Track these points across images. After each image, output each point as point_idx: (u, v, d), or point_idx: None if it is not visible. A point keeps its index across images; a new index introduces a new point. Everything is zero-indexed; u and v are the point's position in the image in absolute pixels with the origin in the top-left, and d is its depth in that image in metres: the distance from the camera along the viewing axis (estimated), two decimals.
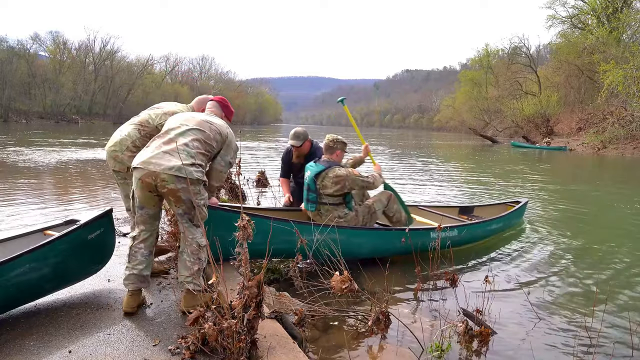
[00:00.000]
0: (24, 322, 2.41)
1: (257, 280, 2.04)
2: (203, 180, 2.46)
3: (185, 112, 3.02)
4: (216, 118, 2.76)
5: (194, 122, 2.61)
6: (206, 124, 2.61)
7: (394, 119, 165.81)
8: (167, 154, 2.39)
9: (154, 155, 2.39)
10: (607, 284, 3.78)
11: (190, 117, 2.67)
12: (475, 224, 4.72)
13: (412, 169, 13.78)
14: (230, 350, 1.98)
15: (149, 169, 2.33)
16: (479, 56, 59.59)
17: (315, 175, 3.80)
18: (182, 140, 2.47)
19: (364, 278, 3.44)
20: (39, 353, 2.09)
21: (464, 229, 4.39)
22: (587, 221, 6.35)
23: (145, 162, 2.36)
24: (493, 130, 47.41)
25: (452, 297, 3.26)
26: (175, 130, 2.55)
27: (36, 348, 2.13)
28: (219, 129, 2.65)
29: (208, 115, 2.78)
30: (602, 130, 26.85)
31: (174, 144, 2.42)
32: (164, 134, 2.56)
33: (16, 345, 2.15)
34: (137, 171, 2.38)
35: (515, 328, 2.90)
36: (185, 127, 2.56)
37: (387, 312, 2.66)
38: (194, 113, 2.80)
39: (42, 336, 2.25)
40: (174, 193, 2.36)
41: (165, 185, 2.33)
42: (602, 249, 5.00)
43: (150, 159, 2.37)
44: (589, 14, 39.48)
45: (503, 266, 4.24)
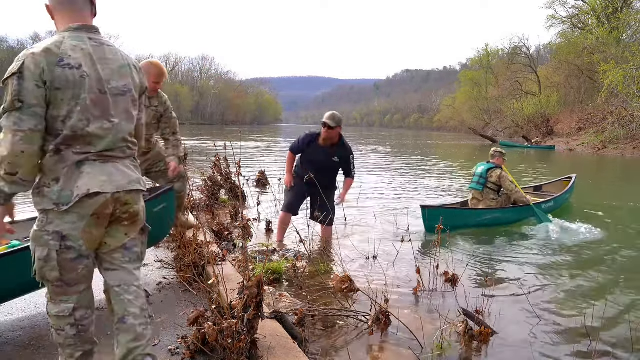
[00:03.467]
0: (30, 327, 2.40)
1: (257, 280, 2.05)
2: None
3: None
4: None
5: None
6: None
7: (394, 119, 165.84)
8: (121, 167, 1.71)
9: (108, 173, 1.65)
10: (607, 284, 3.78)
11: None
12: (560, 196, 6.80)
13: (413, 168, 13.79)
14: (230, 350, 1.98)
15: (108, 190, 1.61)
16: (479, 56, 59.66)
17: (487, 169, 5.95)
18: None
19: (364, 278, 3.44)
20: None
21: (552, 201, 6.55)
22: (587, 221, 6.34)
23: (103, 185, 1.60)
24: (493, 130, 47.40)
25: (452, 297, 3.26)
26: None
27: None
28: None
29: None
30: (602, 130, 26.86)
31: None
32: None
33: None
34: (92, 201, 1.58)
35: (515, 328, 2.90)
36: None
37: (387, 312, 2.66)
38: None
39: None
40: (134, 217, 1.73)
41: (129, 209, 1.70)
42: (602, 248, 5.00)
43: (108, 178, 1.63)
44: (589, 14, 39.51)
45: (503, 266, 4.25)
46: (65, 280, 1.61)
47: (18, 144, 1.45)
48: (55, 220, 1.56)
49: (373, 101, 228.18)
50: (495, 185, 5.94)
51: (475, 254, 4.38)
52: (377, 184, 9.59)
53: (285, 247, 4.24)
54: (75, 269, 1.62)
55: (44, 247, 1.57)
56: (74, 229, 1.58)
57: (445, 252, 4.39)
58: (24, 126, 1.45)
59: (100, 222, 1.63)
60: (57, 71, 1.49)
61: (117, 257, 1.73)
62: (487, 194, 5.96)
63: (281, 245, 4.36)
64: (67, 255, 1.59)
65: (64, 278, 1.61)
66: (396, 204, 7.20)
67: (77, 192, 1.55)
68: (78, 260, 1.62)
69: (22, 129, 1.45)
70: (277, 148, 21.14)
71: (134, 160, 1.76)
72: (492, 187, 5.94)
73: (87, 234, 1.61)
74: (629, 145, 24.31)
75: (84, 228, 1.59)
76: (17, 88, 1.45)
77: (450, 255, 4.21)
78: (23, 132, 1.45)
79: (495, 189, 5.95)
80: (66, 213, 1.55)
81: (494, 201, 5.95)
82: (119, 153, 1.68)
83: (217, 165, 6.00)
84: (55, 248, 1.57)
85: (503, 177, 5.88)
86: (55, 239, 1.57)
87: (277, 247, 4.18)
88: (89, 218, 1.59)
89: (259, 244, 4.19)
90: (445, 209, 5.55)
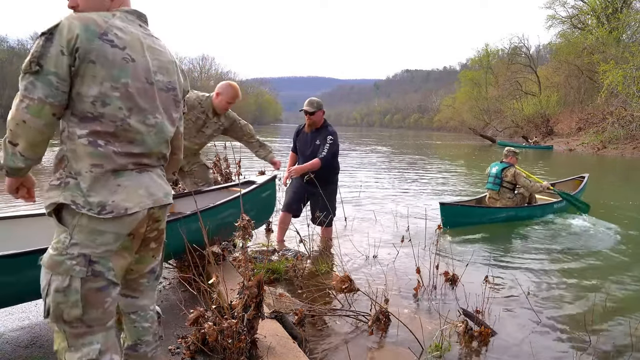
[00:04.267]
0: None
1: (257, 280, 2.05)
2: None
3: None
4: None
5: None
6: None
7: (394, 119, 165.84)
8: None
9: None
10: (607, 284, 3.78)
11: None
12: (573, 195, 6.82)
13: (413, 168, 13.79)
14: (230, 350, 1.98)
15: (147, 205, 1.40)
16: (478, 56, 59.71)
17: (502, 169, 6.13)
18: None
19: (364, 278, 3.44)
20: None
21: (566, 201, 6.65)
22: (587, 221, 6.34)
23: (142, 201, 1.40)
24: (493, 130, 47.40)
25: (452, 297, 3.26)
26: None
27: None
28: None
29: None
30: (602, 130, 26.87)
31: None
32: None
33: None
34: (131, 218, 1.36)
35: (515, 328, 2.90)
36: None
37: (387, 312, 2.66)
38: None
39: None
40: (161, 235, 1.56)
41: (159, 227, 1.52)
42: (603, 248, 4.99)
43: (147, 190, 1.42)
44: (588, 14, 39.53)
45: (503, 266, 4.25)
46: (86, 321, 1.30)
47: (22, 111, 1.25)
48: (82, 239, 1.29)
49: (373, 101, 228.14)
50: (511, 184, 6.15)
51: (476, 254, 4.38)
52: (377, 184, 9.59)
53: (285, 247, 4.24)
54: (102, 302, 1.32)
55: (64, 275, 1.27)
56: (106, 252, 1.32)
57: (445, 252, 4.39)
58: (34, 93, 1.24)
59: (134, 243, 1.41)
60: (96, 43, 1.28)
61: (141, 282, 1.53)
62: (503, 193, 6.18)
63: (281, 245, 4.36)
64: (94, 284, 1.30)
65: (87, 317, 1.29)
66: (396, 203, 7.19)
67: (111, 209, 1.30)
68: (106, 290, 1.32)
69: (31, 96, 1.24)
70: (277, 148, 21.14)
71: (162, 170, 1.54)
72: (507, 186, 6.16)
73: (120, 258, 1.36)
74: (629, 145, 24.32)
75: (118, 250, 1.35)
76: (40, 50, 1.24)
77: (450, 255, 4.21)
78: (31, 99, 1.24)
79: (510, 187, 6.16)
80: (98, 232, 1.30)
81: (510, 200, 6.17)
82: (155, 160, 1.46)
83: (217, 165, 5.99)
84: (81, 275, 1.27)
85: (517, 175, 6.06)
86: (81, 263, 1.28)
87: (277, 247, 4.18)
88: (125, 239, 1.35)
89: (259, 244, 4.19)
90: (462, 207, 5.90)
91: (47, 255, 1.31)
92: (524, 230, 5.70)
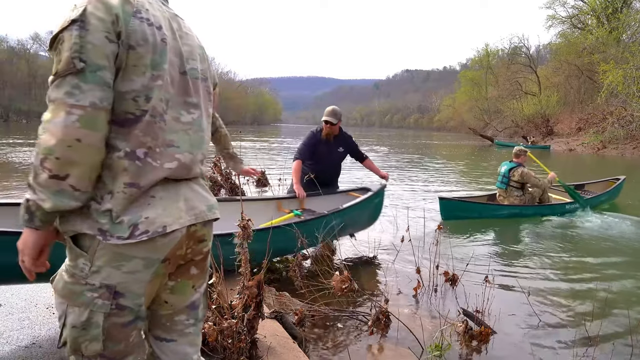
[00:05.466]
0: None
1: (257, 280, 2.05)
2: None
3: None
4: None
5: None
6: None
7: (394, 119, 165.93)
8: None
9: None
10: (607, 284, 3.77)
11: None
12: (597, 196, 7.10)
13: (412, 168, 13.78)
14: (231, 350, 1.98)
15: (186, 222, 1.10)
16: (478, 56, 59.71)
17: (509, 169, 6.26)
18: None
19: (364, 278, 3.44)
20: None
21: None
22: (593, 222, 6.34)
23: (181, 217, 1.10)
24: (493, 130, 47.42)
25: (452, 297, 3.26)
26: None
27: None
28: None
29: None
30: (602, 130, 26.87)
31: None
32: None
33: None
34: (167, 240, 1.07)
35: (515, 328, 2.90)
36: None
37: (387, 312, 2.66)
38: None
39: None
40: (206, 259, 1.23)
41: (203, 249, 1.19)
42: (601, 248, 4.99)
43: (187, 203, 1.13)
44: (588, 14, 39.54)
45: (503, 266, 4.25)
46: (108, 355, 1.06)
47: (73, 127, 0.91)
48: (105, 267, 1.00)
49: (373, 101, 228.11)
50: (518, 184, 6.28)
51: (476, 254, 4.38)
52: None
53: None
54: (127, 336, 1.06)
55: (82, 308, 1.01)
56: (135, 281, 1.03)
57: (445, 252, 4.39)
58: (84, 100, 0.92)
59: (169, 269, 1.11)
60: (133, 23, 1.00)
61: (179, 320, 1.19)
62: (510, 192, 6.34)
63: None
64: (119, 319, 1.04)
65: (109, 352, 1.05)
66: (396, 203, 7.19)
67: (146, 228, 1.01)
68: (132, 324, 1.06)
69: (81, 103, 0.92)
70: (276, 148, 21.14)
71: (204, 179, 1.24)
72: (514, 185, 6.30)
73: (151, 286, 1.09)
74: (629, 145, 24.32)
75: (151, 279, 1.06)
76: (78, 41, 0.93)
77: (450, 255, 4.21)
78: (82, 108, 0.91)
79: (518, 186, 6.30)
80: (125, 257, 1.01)
81: (518, 198, 6.31)
82: (196, 166, 1.15)
83: (217, 165, 5.99)
84: (104, 310, 1.01)
85: (526, 175, 6.19)
86: (104, 296, 1.01)
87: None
88: (159, 265, 1.06)
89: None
90: (460, 201, 6.18)
91: (61, 282, 1.03)
92: (527, 230, 5.70)
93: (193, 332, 1.22)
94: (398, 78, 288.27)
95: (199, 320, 1.24)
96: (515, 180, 6.27)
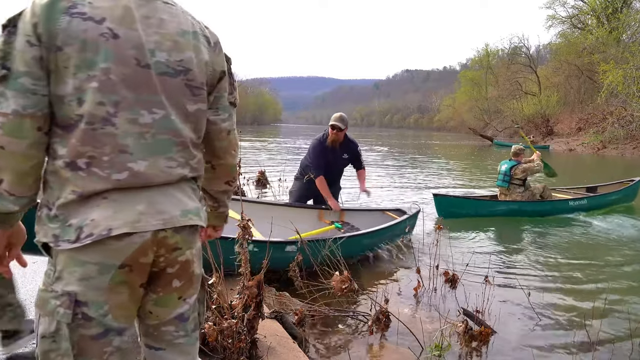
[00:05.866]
0: None
1: (257, 280, 2.05)
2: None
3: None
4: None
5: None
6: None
7: (394, 119, 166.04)
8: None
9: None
10: (607, 284, 3.78)
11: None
12: (602, 195, 7.12)
13: (412, 167, 13.79)
14: (231, 350, 1.98)
15: (148, 227, 1.00)
16: (478, 56, 59.74)
17: (511, 167, 6.36)
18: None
19: (364, 278, 3.44)
20: None
21: (586, 199, 6.86)
22: (595, 220, 6.35)
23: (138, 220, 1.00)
24: (493, 130, 47.42)
25: (452, 297, 3.26)
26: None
27: None
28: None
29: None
30: (602, 130, 26.87)
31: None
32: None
33: None
34: (122, 243, 0.98)
35: (515, 328, 2.90)
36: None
37: (387, 312, 2.66)
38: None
39: None
40: (187, 269, 1.11)
41: (178, 257, 1.08)
42: (602, 248, 5.00)
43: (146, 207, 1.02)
44: (588, 14, 39.54)
45: (503, 266, 4.25)
46: None
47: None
48: (64, 273, 0.97)
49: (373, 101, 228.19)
50: (521, 180, 6.41)
51: (476, 254, 4.38)
52: (376, 183, 9.59)
53: None
54: (100, 353, 1.00)
55: (50, 317, 0.97)
56: (92, 288, 0.97)
57: (445, 252, 4.39)
58: (7, 107, 0.91)
59: (134, 277, 1.02)
60: (61, 21, 0.93)
61: (166, 331, 1.13)
62: (513, 189, 6.45)
63: None
64: (86, 331, 0.98)
65: None
66: (396, 203, 7.19)
67: (90, 231, 0.95)
68: (103, 338, 0.99)
69: (4, 110, 0.91)
70: (277, 149, 21.15)
71: (194, 183, 1.13)
72: (517, 183, 6.41)
73: (116, 295, 1.00)
74: (629, 145, 24.32)
75: (109, 286, 0.98)
76: (3, 47, 0.92)
77: (450, 255, 4.21)
78: (4, 115, 0.91)
79: (520, 183, 6.42)
80: (77, 262, 0.96)
81: (520, 195, 6.42)
82: (164, 172, 1.04)
83: None
84: (65, 320, 0.96)
85: (528, 168, 6.33)
86: (65, 304, 0.96)
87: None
88: (116, 271, 0.98)
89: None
90: (454, 198, 6.29)
91: (38, 290, 1.01)
92: (528, 230, 5.71)
93: (185, 342, 1.16)
94: (398, 78, 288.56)
95: (191, 331, 1.17)
96: (519, 178, 6.36)
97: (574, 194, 7.29)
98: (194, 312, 1.17)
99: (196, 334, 1.19)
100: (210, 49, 1.13)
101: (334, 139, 4.17)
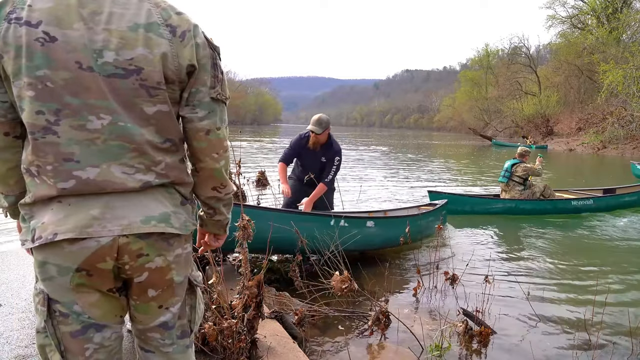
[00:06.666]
0: None
1: (257, 280, 2.05)
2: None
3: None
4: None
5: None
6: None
7: (394, 119, 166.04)
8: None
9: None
10: (607, 284, 3.78)
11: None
12: (607, 197, 7.10)
13: (412, 167, 13.79)
14: (231, 350, 1.98)
15: (100, 234, 0.97)
16: (479, 56, 59.74)
17: (513, 164, 6.58)
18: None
19: (364, 278, 3.44)
20: None
21: (592, 200, 6.83)
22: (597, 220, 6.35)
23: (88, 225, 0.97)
24: (493, 130, 47.43)
25: (452, 297, 3.26)
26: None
27: None
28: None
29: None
30: (602, 130, 26.87)
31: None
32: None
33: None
34: (73, 248, 0.96)
35: (515, 328, 2.90)
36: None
37: (387, 312, 2.66)
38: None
39: None
40: (161, 277, 1.06)
41: (145, 264, 1.03)
42: (604, 248, 5.00)
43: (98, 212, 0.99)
44: (588, 14, 39.53)
45: (503, 266, 4.25)
46: None
47: None
48: (36, 272, 1.01)
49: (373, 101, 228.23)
50: (521, 178, 6.59)
51: (476, 254, 4.38)
52: (376, 183, 9.59)
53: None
54: (81, 349, 1.03)
55: (37, 313, 1.05)
56: (57, 288, 0.99)
57: (445, 252, 4.39)
58: None
59: (97, 281, 1.00)
60: (1, 28, 0.92)
61: (152, 337, 1.13)
62: (512, 186, 6.64)
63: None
64: (65, 327, 1.02)
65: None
66: (395, 203, 7.19)
67: (40, 233, 0.95)
68: (81, 335, 1.02)
69: None
70: (276, 149, 21.16)
71: (171, 188, 1.07)
72: (517, 180, 6.60)
73: (84, 295, 1.00)
74: (629, 145, 24.32)
75: (72, 287, 0.99)
76: None
77: (450, 255, 4.22)
78: None
79: (520, 181, 6.60)
80: (40, 262, 0.98)
81: (519, 192, 6.60)
82: (124, 176, 0.99)
83: None
84: (42, 316, 1.02)
85: (529, 168, 6.51)
86: (41, 302, 1.02)
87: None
88: (74, 274, 0.97)
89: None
90: (448, 195, 6.35)
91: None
92: (528, 229, 5.70)
93: (172, 350, 1.14)
94: (398, 78, 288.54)
95: (178, 338, 1.14)
96: (519, 175, 6.54)
97: (585, 195, 7.26)
98: (181, 319, 1.14)
99: (185, 341, 1.16)
100: (175, 40, 1.01)
101: (314, 142, 4.16)
